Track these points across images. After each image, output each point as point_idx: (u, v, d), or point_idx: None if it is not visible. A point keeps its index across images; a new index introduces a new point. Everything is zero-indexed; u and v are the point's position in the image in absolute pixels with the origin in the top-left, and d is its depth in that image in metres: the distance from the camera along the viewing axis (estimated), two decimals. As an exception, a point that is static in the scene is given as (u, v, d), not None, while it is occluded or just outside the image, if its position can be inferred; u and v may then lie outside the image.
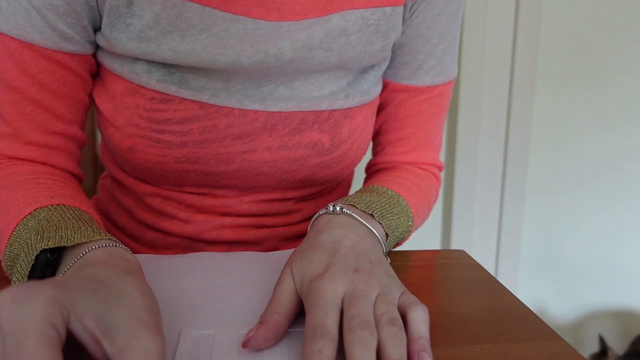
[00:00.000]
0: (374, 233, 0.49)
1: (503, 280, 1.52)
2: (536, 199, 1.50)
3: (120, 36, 0.52)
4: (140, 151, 0.56)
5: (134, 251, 0.65)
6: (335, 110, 0.59)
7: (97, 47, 0.57)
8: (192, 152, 0.56)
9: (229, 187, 0.62)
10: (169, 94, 0.54)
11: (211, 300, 0.46)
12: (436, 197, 0.71)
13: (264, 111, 0.57)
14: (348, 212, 0.49)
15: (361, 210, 0.51)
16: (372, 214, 0.51)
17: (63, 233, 0.41)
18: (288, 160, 0.59)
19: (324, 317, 0.37)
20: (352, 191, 0.74)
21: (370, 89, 0.62)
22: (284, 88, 0.57)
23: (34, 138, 0.54)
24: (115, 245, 0.41)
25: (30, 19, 0.51)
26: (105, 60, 0.56)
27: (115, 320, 0.30)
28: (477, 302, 0.48)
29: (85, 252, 0.39)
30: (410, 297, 0.41)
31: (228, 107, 0.56)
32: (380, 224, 0.52)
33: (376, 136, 0.70)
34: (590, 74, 1.44)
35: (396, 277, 0.44)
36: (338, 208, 0.50)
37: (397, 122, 0.66)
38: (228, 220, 0.64)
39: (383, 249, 0.50)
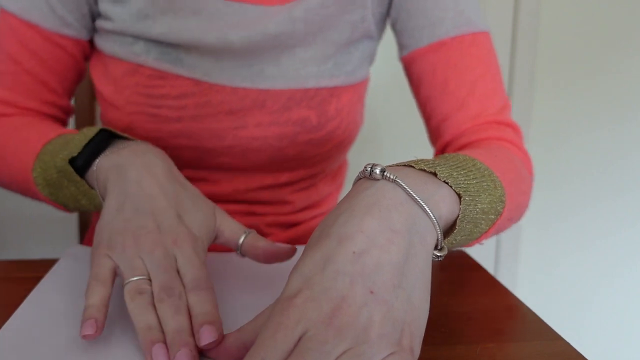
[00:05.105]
0: (424, 217, 0.34)
1: (503, 280, 1.52)
2: (536, 199, 1.50)
3: (119, 10, 0.58)
4: (138, 128, 0.60)
5: None
6: (321, 88, 0.62)
7: (94, 32, 0.62)
8: (187, 127, 0.60)
9: (222, 170, 0.65)
10: (165, 71, 0.59)
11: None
12: (531, 173, 0.56)
13: (253, 89, 0.60)
14: (391, 176, 0.34)
15: (419, 169, 0.37)
16: (434, 173, 0.37)
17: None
18: (279, 136, 0.62)
19: None
20: (347, 184, 0.68)
21: (355, 71, 0.64)
22: (272, 67, 0.60)
23: (29, 105, 0.61)
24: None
25: (35, 2, 0.57)
26: (106, 47, 0.60)
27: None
28: (477, 302, 0.48)
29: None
30: None
31: (220, 85, 0.60)
32: (447, 183, 0.36)
33: (429, 121, 0.64)
34: (590, 73, 1.44)
35: (416, 319, 0.31)
36: (378, 171, 0.34)
37: (438, 86, 0.62)
38: (221, 207, 0.66)
39: (436, 243, 0.35)
